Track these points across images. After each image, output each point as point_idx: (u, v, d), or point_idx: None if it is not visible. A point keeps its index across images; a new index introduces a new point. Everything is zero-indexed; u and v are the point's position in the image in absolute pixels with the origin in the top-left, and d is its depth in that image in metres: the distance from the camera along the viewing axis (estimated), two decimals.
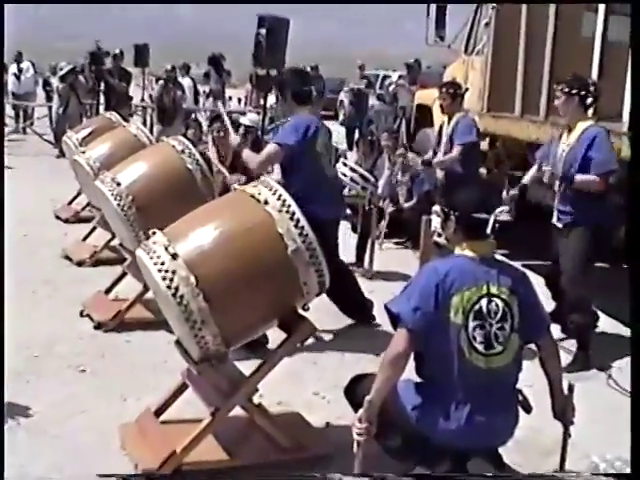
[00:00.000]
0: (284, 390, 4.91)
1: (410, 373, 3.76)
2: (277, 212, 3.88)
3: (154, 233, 3.96)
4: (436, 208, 3.96)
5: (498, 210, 3.66)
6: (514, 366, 3.69)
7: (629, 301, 3.27)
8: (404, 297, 3.63)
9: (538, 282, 6.07)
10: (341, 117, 21.75)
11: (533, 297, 3.78)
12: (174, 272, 3.71)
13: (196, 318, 3.69)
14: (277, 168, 6.37)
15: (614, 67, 6.24)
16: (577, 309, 5.77)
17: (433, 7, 10.16)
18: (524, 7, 7.85)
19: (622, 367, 5.69)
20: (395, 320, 3.64)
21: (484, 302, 3.57)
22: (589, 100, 5.72)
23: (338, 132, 6.39)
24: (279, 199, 3.92)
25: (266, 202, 3.92)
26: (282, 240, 3.83)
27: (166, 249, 3.79)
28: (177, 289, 3.68)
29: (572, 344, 5.84)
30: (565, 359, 5.68)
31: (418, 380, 3.75)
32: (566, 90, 5.62)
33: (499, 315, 3.59)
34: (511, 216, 5.52)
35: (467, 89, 8.59)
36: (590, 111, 5.81)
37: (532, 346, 3.87)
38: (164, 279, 3.71)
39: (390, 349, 3.58)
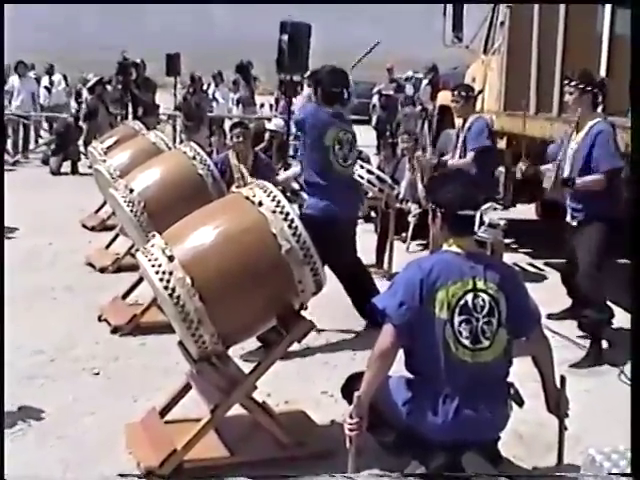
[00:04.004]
0: (293, 389, 4.97)
1: (402, 370, 3.80)
2: (271, 213, 3.94)
3: (153, 236, 4.06)
4: None
5: (484, 207, 3.68)
6: (503, 360, 3.71)
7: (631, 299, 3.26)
8: (390, 293, 3.68)
9: (557, 279, 6.08)
10: (374, 121, 21.81)
11: (522, 292, 3.79)
12: (171, 273, 3.79)
13: (193, 318, 3.76)
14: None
15: (622, 60, 6.20)
16: (591, 305, 5.76)
17: (450, 7, 10.13)
18: (537, 5, 7.83)
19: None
20: (382, 316, 3.68)
21: (470, 297, 3.60)
22: (599, 97, 5.73)
23: (360, 134, 6.32)
24: (273, 200, 3.98)
25: (260, 203, 3.99)
26: (276, 240, 3.90)
27: (163, 251, 3.88)
28: (174, 290, 3.77)
29: (587, 340, 5.83)
30: (579, 355, 5.70)
31: (409, 376, 3.79)
32: (581, 87, 5.62)
33: (486, 310, 3.61)
34: None
35: (480, 91, 8.56)
36: (599, 108, 5.81)
37: None
38: (161, 280, 3.80)
39: (377, 345, 3.64)
